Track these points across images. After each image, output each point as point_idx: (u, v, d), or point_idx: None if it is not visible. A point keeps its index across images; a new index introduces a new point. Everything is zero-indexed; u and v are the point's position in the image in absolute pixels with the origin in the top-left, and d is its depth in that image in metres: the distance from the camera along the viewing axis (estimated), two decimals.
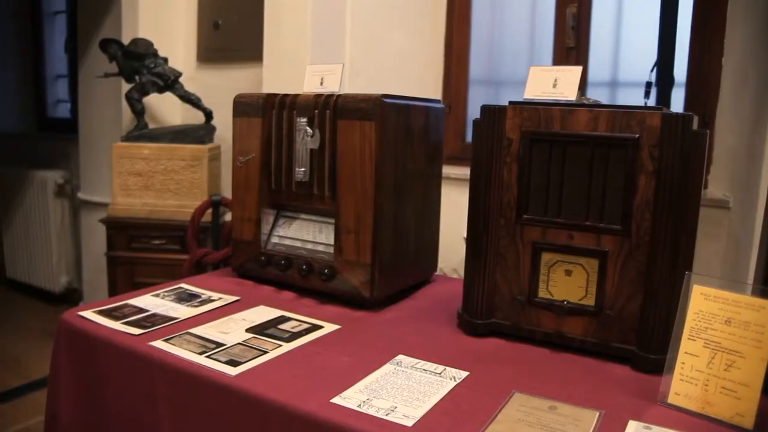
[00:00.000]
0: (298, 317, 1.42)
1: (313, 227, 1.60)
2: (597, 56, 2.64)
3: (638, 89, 2.32)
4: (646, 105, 2.18)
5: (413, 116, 1.54)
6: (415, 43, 2.94)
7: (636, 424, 0.98)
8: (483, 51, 2.95)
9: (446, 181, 1.92)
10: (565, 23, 2.65)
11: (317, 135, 1.52)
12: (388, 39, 2.88)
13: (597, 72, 2.64)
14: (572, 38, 2.63)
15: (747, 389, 0.99)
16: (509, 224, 1.28)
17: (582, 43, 2.63)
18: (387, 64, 2.86)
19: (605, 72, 2.66)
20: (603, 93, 2.65)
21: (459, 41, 2.92)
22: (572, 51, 2.63)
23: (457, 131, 2.92)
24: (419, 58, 2.95)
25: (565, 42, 2.65)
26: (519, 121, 1.26)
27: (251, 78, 3.04)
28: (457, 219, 1.30)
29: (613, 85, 2.66)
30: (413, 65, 2.93)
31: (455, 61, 2.92)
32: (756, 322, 1.01)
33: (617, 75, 2.64)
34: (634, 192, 1.17)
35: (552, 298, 1.26)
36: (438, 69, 2.98)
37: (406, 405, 1.01)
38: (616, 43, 2.65)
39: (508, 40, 2.93)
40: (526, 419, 0.97)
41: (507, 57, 2.94)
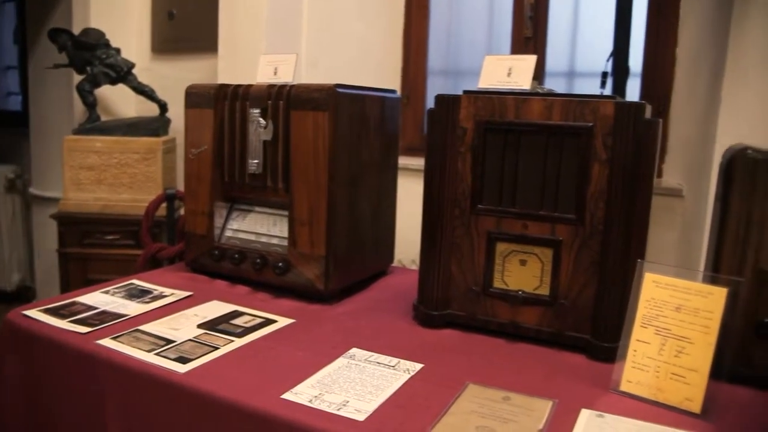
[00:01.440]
0: (252, 312, 1.40)
1: (267, 220, 1.57)
2: (554, 46, 2.65)
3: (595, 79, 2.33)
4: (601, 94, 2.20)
5: (368, 106, 1.52)
6: (374, 33, 2.92)
7: (588, 412, 0.98)
8: (441, 41, 2.94)
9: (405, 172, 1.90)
10: (522, 13, 2.65)
11: (270, 126, 1.49)
12: (346, 29, 2.85)
13: (554, 62, 2.65)
14: (530, 28, 2.64)
15: (696, 374, 1.00)
16: (464, 214, 1.27)
17: (540, 33, 2.63)
18: (345, 55, 2.83)
19: (563, 62, 2.67)
20: (560, 83, 2.66)
21: (417, 31, 2.91)
22: (530, 41, 2.64)
23: (416, 122, 2.90)
24: (378, 49, 2.92)
25: (523, 32, 2.65)
26: (473, 111, 1.25)
27: (207, 69, 2.98)
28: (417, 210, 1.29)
29: (570, 75, 2.67)
30: (372, 55, 2.91)
31: (414, 51, 2.91)
32: (705, 308, 1.01)
33: (574, 65, 2.66)
34: (588, 181, 1.17)
35: (507, 288, 1.26)
36: (396, 59, 2.96)
37: (359, 399, 1.00)
38: (573, 33, 2.66)
39: (466, 30, 2.92)
40: (479, 410, 0.96)
41: (465, 47, 2.93)
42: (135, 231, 2.68)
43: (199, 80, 1.75)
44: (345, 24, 2.85)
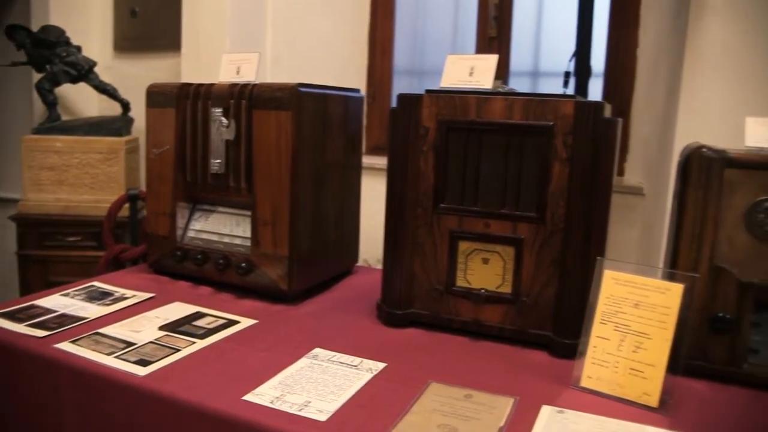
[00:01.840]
0: (215, 313, 1.38)
1: (230, 220, 1.56)
2: (519, 46, 2.67)
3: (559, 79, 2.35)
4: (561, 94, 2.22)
5: (331, 105, 1.51)
6: (339, 32, 2.91)
7: (549, 408, 0.99)
8: (407, 41, 2.95)
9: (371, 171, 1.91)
10: (487, 13, 2.66)
11: (233, 125, 1.48)
12: (312, 28, 2.84)
13: (519, 62, 2.67)
14: (494, 28, 2.65)
15: (653, 369, 1.02)
16: (426, 213, 1.27)
17: (504, 33, 2.65)
18: (310, 54, 2.82)
19: (527, 62, 2.69)
20: (525, 82, 2.69)
21: (383, 31, 2.91)
22: (494, 41, 2.65)
23: (382, 121, 2.90)
24: (343, 48, 2.92)
25: (488, 32, 2.67)
26: (435, 110, 1.25)
27: (171, 67, 2.95)
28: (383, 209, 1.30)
29: (534, 74, 2.70)
30: (337, 55, 2.90)
31: (379, 50, 2.91)
32: (662, 304, 1.03)
33: (538, 65, 2.68)
34: (549, 180, 1.18)
35: (470, 286, 1.26)
36: (362, 59, 2.95)
37: (321, 399, 0.99)
38: (537, 33, 2.69)
39: (432, 30, 2.93)
40: (441, 409, 0.97)
41: (431, 47, 2.94)
42: (97, 232, 2.64)
43: (163, 79, 1.73)
44: (310, 23, 2.84)
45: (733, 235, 1.13)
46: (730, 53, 1.82)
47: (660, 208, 1.95)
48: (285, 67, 2.75)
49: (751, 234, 1.12)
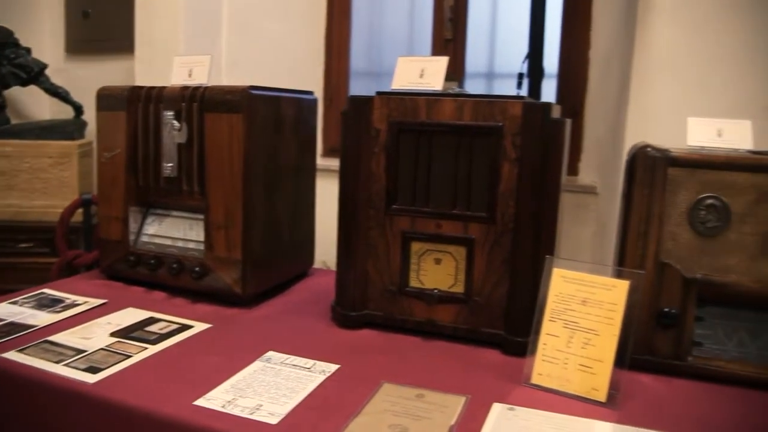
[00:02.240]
0: (168, 318, 1.37)
1: (184, 224, 1.54)
2: (474, 48, 2.69)
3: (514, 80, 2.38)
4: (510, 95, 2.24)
5: (284, 108, 1.51)
6: (296, 34, 2.90)
7: (500, 406, 1.00)
8: (364, 43, 2.95)
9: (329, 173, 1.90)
10: (442, 16, 2.68)
11: (184, 129, 1.47)
12: (268, 30, 2.83)
13: (474, 63, 2.70)
14: (450, 31, 2.67)
15: (601, 365, 1.04)
16: (378, 215, 1.28)
17: (459, 35, 2.68)
18: (267, 56, 2.81)
19: (482, 63, 2.71)
20: (480, 84, 2.71)
21: (339, 33, 2.91)
22: (450, 43, 2.67)
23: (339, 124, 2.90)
24: (300, 50, 2.91)
25: (443, 34, 2.69)
26: (386, 111, 1.26)
27: (125, 70, 2.90)
28: None
29: (489, 76, 2.72)
30: (294, 57, 2.89)
31: (336, 53, 2.91)
32: (609, 300, 1.05)
33: (493, 66, 2.71)
34: (498, 180, 1.19)
35: (423, 287, 1.27)
36: (319, 61, 2.95)
37: (273, 402, 0.99)
38: (492, 35, 2.72)
39: (388, 32, 2.94)
40: (392, 409, 0.97)
41: (387, 49, 2.95)
42: (50, 238, 2.59)
43: (117, 82, 1.71)
44: (266, 25, 2.82)
45: (677, 231, 1.16)
46: (677, 55, 1.86)
47: (613, 207, 1.99)
48: (241, 70, 2.73)
49: (694, 230, 1.15)
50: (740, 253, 1.14)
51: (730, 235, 1.14)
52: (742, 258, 1.14)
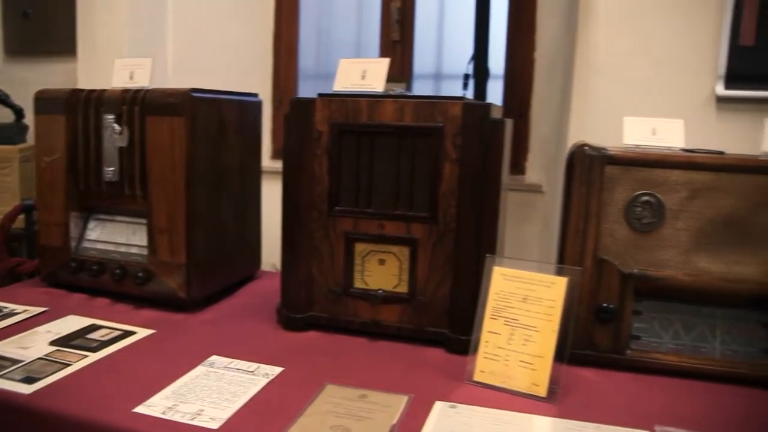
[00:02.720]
0: (111, 324, 1.35)
1: (126, 229, 1.52)
2: (422, 49, 2.71)
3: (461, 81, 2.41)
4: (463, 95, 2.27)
5: (227, 111, 1.50)
6: (243, 36, 2.88)
7: (442, 404, 1.01)
8: (312, 45, 2.95)
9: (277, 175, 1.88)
10: (390, 18, 2.69)
11: (126, 132, 1.45)
12: (216, 32, 2.80)
13: (422, 65, 2.71)
14: (397, 32, 2.69)
15: (541, 360, 1.05)
16: (322, 217, 1.28)
17: (407, 36, 2.69)
18: (215, 59, 2.78)
19: (430, 64, 2.73)
20: (428, 85, 2.73)
21: (288, 35, 2.89)
22: (398, 44, 2.69)
23: None
24: (248, 52, 2.89)
25: (391, 36, 2.70)
26: (328, 113, 1.26)
27: (68, 72, 2.84)
28: None
29: (437, 77, 2.74)
30: (243, 59, 2.87)
31: (284, 54, 2.89)
32: (548, 297, 1.07)
33: (441, 67, 2.73)
34: (440, 180, 1.21)
35: (367, 287, 1.28)
36: (268, 63, 2.93)
37: (214, 407, 0.98)
38: (439, 36, 2.74)
39: (337, 33, 2.94)
40: (334, 410, 0.97)
41: (336, 51, 2.94)
42: None
43: (59, 84, 1.67)
44: (214, 27, 2.79)
45: (615, 228, 1.19)
46: (616, 57, 1.91)
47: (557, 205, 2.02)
48: (188, 72, 2.69)
49: (630, 227, 1.18)
50: (674, 248, 1.18)
51: (664, 230, 1.18)
52: (676, 253, 1.18)
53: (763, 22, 1.82)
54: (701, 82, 1.91)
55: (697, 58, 1.90)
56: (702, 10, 1.88)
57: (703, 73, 1.91)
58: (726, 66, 1.87)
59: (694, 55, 1.90)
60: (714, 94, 1.90)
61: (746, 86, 1.85)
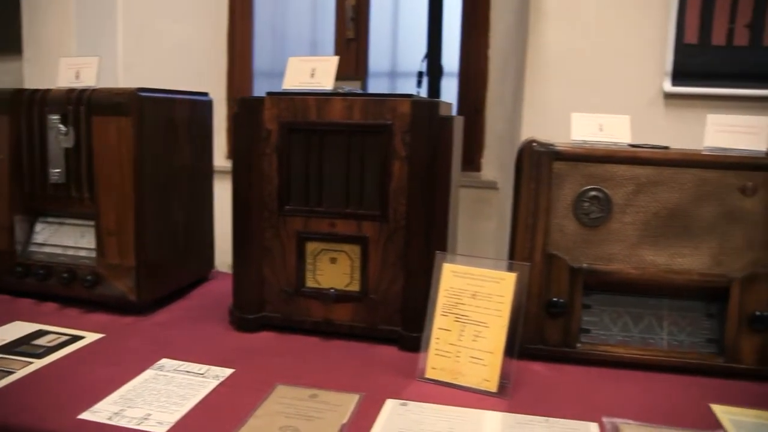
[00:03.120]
0: (58, 330, 1.32)
1: (74, 232, 1.49)
2: (377, 47, 2.71)
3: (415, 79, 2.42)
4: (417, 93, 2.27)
5: (177, 110, 1.48)
6: (196, 35, 2.84)
7: (393, 402, 1.01)
8: (267, 43, 2.92)
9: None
10: (344, 15, 2.68)
11: (71, 133, 1.41)
12: (167, 31, 2.75)
13: (377, 63, 2.71)
14: (352, 30, 2.68)
15: (492, 356, 1.06)
16: (272, 216, 1.27)
17: (362, 34, 2.68)
18: (166, 57, 2.74)
19: (385, 62, 2.73)
20: (384, 83, 2.73)
21: (242, 33, 2.86)
22: (353, 42, 2.68)
23: None
24: (201, 51, 2.85)
25: (346, 34, 2.69)
26: (276, 112, 1.25)
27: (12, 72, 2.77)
28: None
29: (392, 75, 2.75)
30: (197, 59, 2.83)
31: (239, 53, 2.86)
32: (497, 293, 1.08)
33: (396, 65, 2.73)
34: (389, 178, 1.21)
35: (319, 286, 1.27)
36: (222, 62, 2.90)
37: (162, 411, 0.97)
38: (394, 34, 2.74)
39: (291, 32, 2.92)
40: (285, 411, 0.97)
41: (291, 49, 2.93)
42: None
43: (6, 84, 1.63)
44: (166, 25, 2.75)
45: (563, 223, 1.20)
46: (566, 54, 1.93)
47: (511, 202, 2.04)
48: (140, 72, 2.65)
49: (579, 222, 1.20)
50: (621, 241, 1.20)
51: (612, 225, 1.19)
52: (623, 246, 1.20)
53: (705, 20, 1.86)
54: (650, 78, 1.95)
55: (646, 56, 1.93)
56: (649, 9, 1.91)
57: (651, 70, 1.94)
58: (672, 63, 1.91)
59: (643, 53, 1.93)
60: (662, 91, 1.93)
61: (692, 83, 1.89)
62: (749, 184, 1.16)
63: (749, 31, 1.85)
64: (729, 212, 1.17)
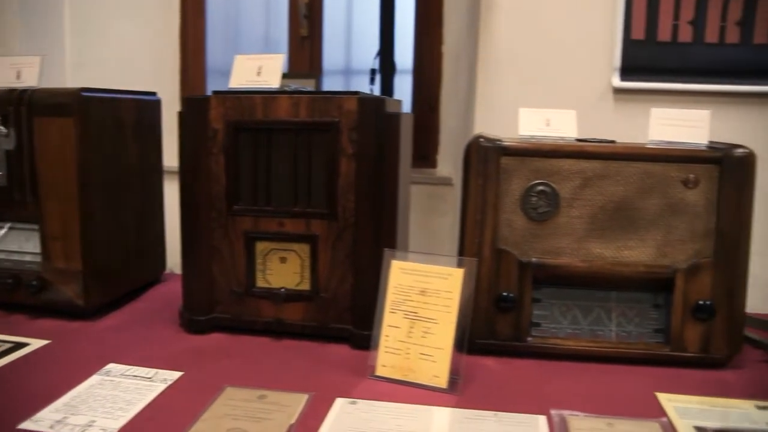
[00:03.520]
0: (1, 337, 1.28)
1: (19, 236, 1.45)
2: (331, 45, 2.69)
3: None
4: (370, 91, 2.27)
5: (123, 111, 1.45)
6: (148, 33, 2.79)
7: (342, 400, 1.01)
8: (220, 41, 2.89)
9: None
10: (297, 12, 2.66)
11: (12, 134, 1.38)
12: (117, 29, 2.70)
13: (332, 60, 2.70)
14: (306, 28, 2.66)
15: (441, 352, 1.06)
16: (221, 216, 1.26)
17: (315, 32, 2.67)
18: (117, 57, 2.68)
19: (340, 60, 2.72)
20: (338, 80, 2.72)
21: (194, 31, 2.82)
22: (306, 40, 2.66)
23: None
24: (154, 50, 2.80)
25: (300, 31, 2.67)
26: (223, 111, 1.23)
27: None
28: None
29: (347, 72, 2.74)
30: (149, 58, 2.78)
31: (191, 52, 2.82)
32: (446, 289, 1.08)
33: (351, 63, 2.72)
34: (337, 176, 1.20)
35: (270, 286, 1.26)
36: (175, 60, 2.86)
37: (107, 417, 0.95)
38: (348, 31, 2.73)
39: (245, 30, 2.90)
40: (232, 413, 0.95)
41: (245, 47, 2.90)
42: None
43: None
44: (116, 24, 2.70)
45: (512, 218, 1.21)
46: (518, 50, 1.95)
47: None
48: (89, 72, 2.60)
49: (527, 216, 1.21)
50: (569, 235, 1.21)
51: (559, 219, 1.21)
52: (571, 240, 1.21)
53: (651, 17, 1.90)
54: (599, 74, 1.97)
55: (595, 52, 1.96)
56: (597, 5, 1.94)
57: (600, 66, 1.97)
58: (621, 59, 1.94)
59: (592, 49, 1.96)
60: (611, 86, 1.96)
61: (639, 78, 1.92)
62: (691, 176, 1.18)
63: (693, 28, 1.88)
64: (673, 204, 1.19)
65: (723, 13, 1.87)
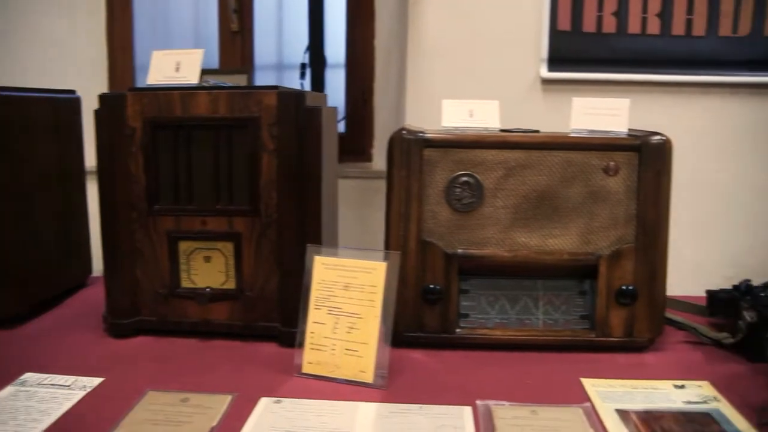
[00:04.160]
0: None
1: None
2: (262, 39, 2.66)
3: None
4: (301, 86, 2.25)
5: (35, 110, 1.39)
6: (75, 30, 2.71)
7: (267, 400, 1.00)
8: (149, 37, 2.82)
9: None
10: (227, 7, 2.62)
11: None
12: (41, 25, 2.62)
13: (264, 56, 2.67)
14: (236, 22, 2.62)
15: (366, 347, 1.06)
16: (142, 217, 1.22)
17: (246, 27, 2.63)
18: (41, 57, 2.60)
19: (271, 55, 2.69)
20: (271, 75, 2.69)
21: (121, 27, 2.75)
22: (237, 35, 2.63)
23: None
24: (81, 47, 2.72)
25: (230, 26, 2.63)
26: (140, 108, 1.20)
27: None
28: None
29: (279, 67, 2.71)
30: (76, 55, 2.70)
31: (119, 48, 2.75)
32: (369, 283, 1.07)
33: (282, 58, 2.70)
34: (259, 172, 1.18)
35: (195, 286, 1.24)
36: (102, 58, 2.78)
37: (19, 429, 0.91)
38: (279, 26, 2.70)
39: (174, 25, 2.84)
40: (153, 418, 0.93)
41: (176, 43, 2.84)
42: None
43: None
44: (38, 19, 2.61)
45: (436, 210, 1.21)
46: (447, 41, 1.96)
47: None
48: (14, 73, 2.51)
49: (452, 208, 1.21)
50: (494, 225, 1.22)
51: (484, 209, 1.21)
52: (496, 230, 1.22)
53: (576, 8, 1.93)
54: (527, 65, 2.00)
55: (523, 43, 1.98)
56: None
57: (528, 57, 1.99)
58: (548, 50, 1.97)
59: (520, 40, 1.98)
60: (539, 77, 1.99)
61: (566, 68, 1.95)
62: (612, 163, 1.21)
63: (616, 19, 1.92)
64: (594, 192, 1.21)
65: (644, 5, 1.92)
